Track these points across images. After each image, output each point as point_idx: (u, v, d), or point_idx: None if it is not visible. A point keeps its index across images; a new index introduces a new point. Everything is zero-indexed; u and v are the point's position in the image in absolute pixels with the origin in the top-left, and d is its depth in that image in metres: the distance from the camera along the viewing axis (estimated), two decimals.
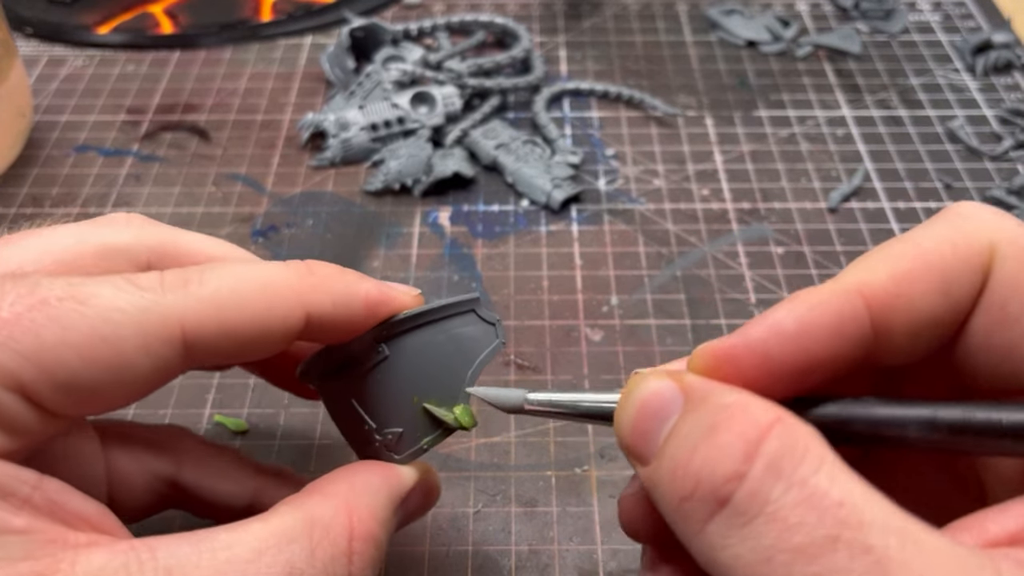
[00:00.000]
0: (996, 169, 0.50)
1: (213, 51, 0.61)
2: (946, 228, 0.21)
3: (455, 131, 0.51)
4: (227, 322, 0.22)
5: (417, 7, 0.66)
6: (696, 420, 0.20)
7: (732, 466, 0.18)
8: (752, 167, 0.51)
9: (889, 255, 0.21)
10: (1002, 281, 0.20)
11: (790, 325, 0.20)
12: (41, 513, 0.20)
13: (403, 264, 0.45)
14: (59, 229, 0.25)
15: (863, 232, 0.47)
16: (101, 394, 0.21)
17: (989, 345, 0.21)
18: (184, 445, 0.29)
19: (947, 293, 0.20)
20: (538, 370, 0.40)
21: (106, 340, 0.20)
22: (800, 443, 0.18)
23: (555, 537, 0.34)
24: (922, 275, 0.21)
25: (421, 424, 0.27)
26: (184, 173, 0.51)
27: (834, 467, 0.18)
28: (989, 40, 0.59)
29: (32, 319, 0.20)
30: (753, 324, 0.21)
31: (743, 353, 0.21)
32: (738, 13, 0.63)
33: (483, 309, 0.27)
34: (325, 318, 0.24)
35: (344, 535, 0.23)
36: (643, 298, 0.43)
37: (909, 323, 0.21)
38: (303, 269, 0.24)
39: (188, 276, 0.22)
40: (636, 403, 0.21)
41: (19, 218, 0.48)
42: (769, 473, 0.18)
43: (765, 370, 0.21)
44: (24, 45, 0.62)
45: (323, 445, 0.37)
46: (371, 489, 0.25)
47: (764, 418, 0.19)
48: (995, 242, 0.21)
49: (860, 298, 0.21)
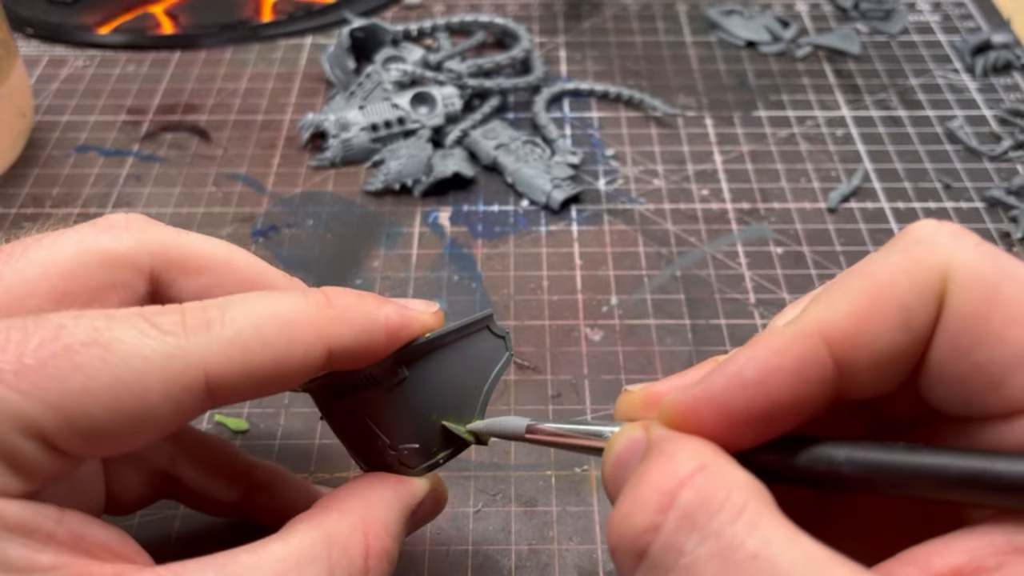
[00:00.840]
0: (995, 169, 0.50)
1: (214, 51, 0.61)
2: (900, 257, 0.21)
3: (455, 131, 0.51)
4: (250, 364, 0.22)
5: (417, 7, 0.66)
6: (639, 467, 0.20)
7: (648, 517, 0.18)
8: (752, 167, 0.51)
9: (847, 291, 0.21)
10: (954, 314, 0.20)
11: (751, 374, 0.20)
12: (65, 547, 0.20)
13: (403, 264, 0.45)
14: (60, 238, 0.25)
15: (862, 232, 0.47)
16: (121, 439, 0.21)
17: (944, 377, 0.20)
18: (180, 439, 0.29)
19: (906, 328, 0.20)
20: (538, 370, 0.40)
21: (129, 389, 0.20)
22: (720, 492, 0.18)
23: (555, 537, 0.34)
24: (880, 311, 0.20)
25: (437, 439, 0.27)
26: (184, 173, 0.51)
27: (756, 515, 0.18)
28: (989, 40, 0.59)
29: (57, 367, 0.20)
30: (715, 374, 0.21)
31: (705, 406, 0.20)
32: (738, 13, 0.63)
33: (495, 324, 0.28)
34: (346, 350, 0.24)
35: (360, 553, 0.23)
36: (643, 298, 0.43)
37: (872, 359, 0.20)
38: (323, 301, 0.24)
39: (209, 316, 0.22)
40: (614, 453, 0.22)
41: (20, 218, 0.48)
42: (683, 525, 0.18)
43: (728, 420, 0.20)
44: (25, 45, 0.62)
45: (323, 445, 0.37)
46: (385, 504, 0.25)
47: (685, 467, 0.19)
48: (949, 270, 0.20)
49: (821, 340, 0.20)
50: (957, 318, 0.20)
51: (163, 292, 0.27)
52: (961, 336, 0.20)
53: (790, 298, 0.43)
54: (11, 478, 0.20)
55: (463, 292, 0.44)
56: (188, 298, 0.27)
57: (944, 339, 0.20)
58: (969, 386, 0.20)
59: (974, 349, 0.20)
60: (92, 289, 0.25)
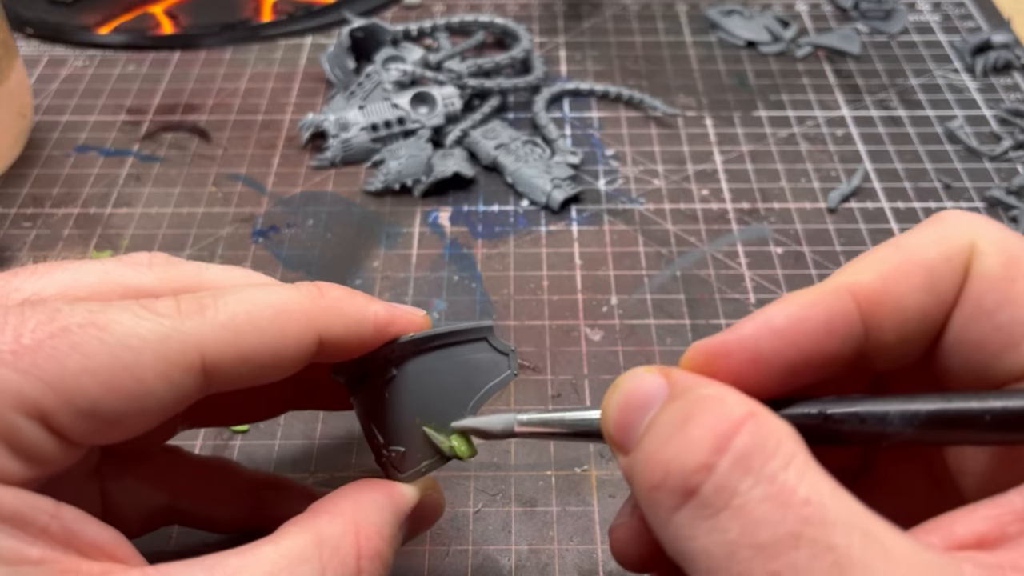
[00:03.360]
0: (995, 169, 0.50)
1: (213, 51, 0.61)
2: (930, 231, 0.22)
3: (455, 131, 0.51)
4: (244, 347, 0.22)
5: (417, 7, 0.66)
6: (673, 411, 0.20)
7: (701, 457, 0.18)
8: (752, 167, 0.51)
9: (876, 257, 0.22)
10: (980, 275, 0.21)
11: (781, 322, 0.21)
12: (57, 542, 0.20)
13: (403, 264, 0.45)
14: (84, 266, 0.25)
15: (862, 232, 0.47)
16: (121, 422, 0.21)
17: (964, 340, 0.21)
18: (178, 472, 0.29)
19: (932, 289, 0.21)
20: (538, 370, 0.40)
21: (127, 368, 0.20)
22: (772, 439, 0.18)
23: (555, 537, 0.34)
24: (908, 273, 0.21)
25: (422, 447, 0.27)
26: (184, 173, 0.51)
27: (804, 464, 0.18)
28: (989, 40, 0.59)
29: (54, 347, 0.20)
30: (745, 321, 0.21)
31: (734, 349, 0.21)
32: (738, 13, 0.63)
33: (496, 338, 0.27)
34: (337, 340, 0.24)
35: (352, 554, 0.23)
36: (643, 298, 0.43)
37: (898, 319, 0.21)
38: (315, 292, 0.24)
39: (204, 302, 0.22)
40: (622, 394, 0.21)
41: (20, 218, 0.48)
42: (737, 467, 0.18)
43: (756, 367, 0.21)
44: (25, 45, 0.62)
45: (323, 445, 0.37)
46: (376, 507, 0.25)
47: (737, 412, 0.19)
48: (975, 239, 0.21)
49: (850, 296, 0.21)
50: (983, 279, 0.21)
51: None
52: (985, 297, 0.21)
53: None
54: (12, 461, 0.20)
55: (463, 292, 0.44)
56: None
57: (968, 301, 0.21)
58: (987, 348, 0.21)
59: (997, 311, 0.20)
60: None
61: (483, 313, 0.42)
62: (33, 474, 0.20)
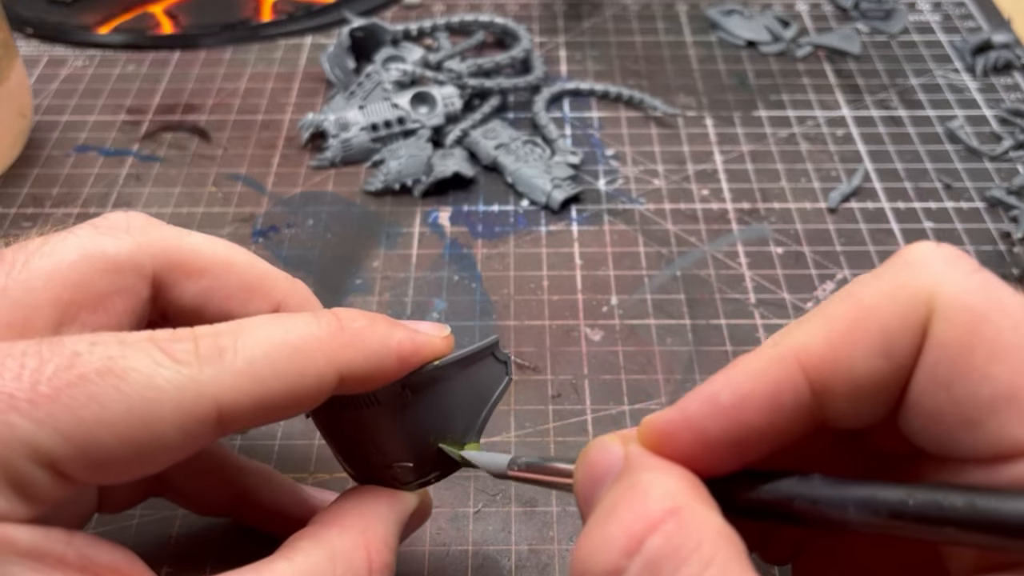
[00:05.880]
0: (996, 169, 0.50)
1: (213, 51, 0.61)
2: (887, 281, 0.20)
3: (455, 131, 0.51)
4: (261, 394, 0.22)
5: (417, 7, 0.66)
6: (608, 499, 0.19)
7: (612, 559, 0.18)
8: (752, 167, 0.51)
9: (827, 315, 0.20)
10: (936, 344, 0.19)
11: (726, 398, 0.20)
12: (74, 570, 0.20)
13: (403, 264, 0.45)
14: (60, 244, 0.25)
15: (863, 232, 0.47)
16: (130, 468, 0.21)
17: (923, 411, 0.19)
18: None
19: (887, 355, 0.19)
20: (538, 370, 0.40)
21: (142, 419, 0.20)
22: (691, 540, 0.18)
23: (555, 537, 0.34)
24: (861, 336, 0.19)
25: (433, 459, 0.27)
26: (184, 173, 0.51)
27: (723, 569, 0.17)
28: (989, 40, 0.59)
29: (71, 396, 0.20)
30: (690, 397, 0.20)
31: (680, 428, 0.20)
32: (738, 13, 0.63)
33: (499, 349, 0.28)
34: (357, 375, 0.24)
35: (365, 568, 0.23)
36: (643, 298, 0.43)
37: (849, 388, 0.20)
38: (335, 325, 0.24)
39: (222, 344, 0.22)
40: (587, 464, 0.21)
41: (20, 218, 0.48)
42: (646, 572, 0.17)
43: (703, 445, 0.20)
44: (24, 45, 0.62)
45: (323, 446, 0.37)
46: (383, 518, 0.25)
47: (657, 508, 0.18)
48: (935, 296, 0.19)
49: (797, 365, 0.20)
50: (938, 348, 0.19)
51: (165, 295, 0.27)
52: (940, 368, 0.19)
53: (790, 298, 0.43)
54: (19, 504, 0.20)
55: (463, 292, 0.44)
56: (190, 301, 0.27)
57: (924, 370, 0.19)
58: (944, 424, 0.19)
59: (952, 383, 0.19)
60: (96, 296, 0.25)
61: (483, 313, 0.42)
62: (37, 512, 0.20)
